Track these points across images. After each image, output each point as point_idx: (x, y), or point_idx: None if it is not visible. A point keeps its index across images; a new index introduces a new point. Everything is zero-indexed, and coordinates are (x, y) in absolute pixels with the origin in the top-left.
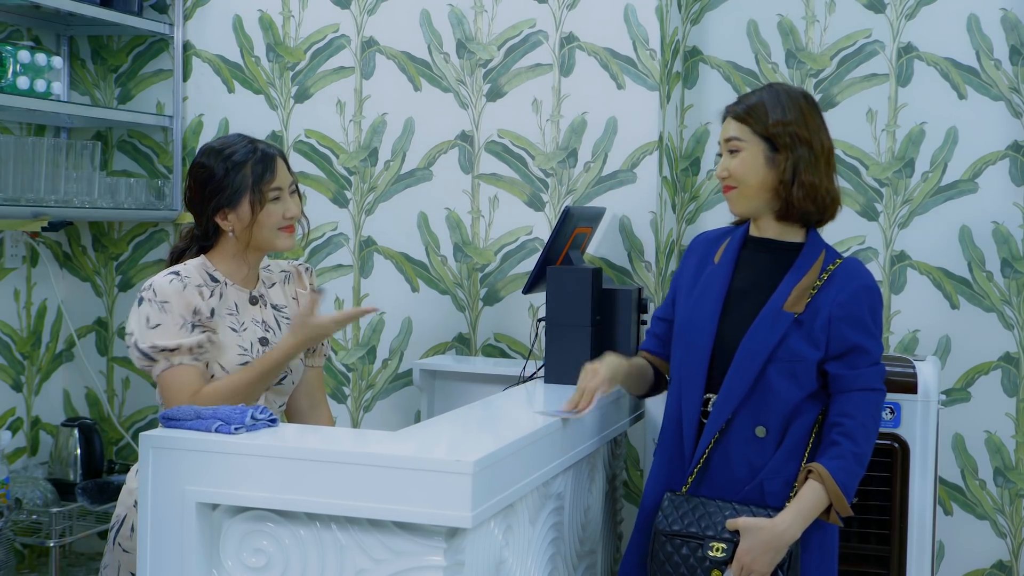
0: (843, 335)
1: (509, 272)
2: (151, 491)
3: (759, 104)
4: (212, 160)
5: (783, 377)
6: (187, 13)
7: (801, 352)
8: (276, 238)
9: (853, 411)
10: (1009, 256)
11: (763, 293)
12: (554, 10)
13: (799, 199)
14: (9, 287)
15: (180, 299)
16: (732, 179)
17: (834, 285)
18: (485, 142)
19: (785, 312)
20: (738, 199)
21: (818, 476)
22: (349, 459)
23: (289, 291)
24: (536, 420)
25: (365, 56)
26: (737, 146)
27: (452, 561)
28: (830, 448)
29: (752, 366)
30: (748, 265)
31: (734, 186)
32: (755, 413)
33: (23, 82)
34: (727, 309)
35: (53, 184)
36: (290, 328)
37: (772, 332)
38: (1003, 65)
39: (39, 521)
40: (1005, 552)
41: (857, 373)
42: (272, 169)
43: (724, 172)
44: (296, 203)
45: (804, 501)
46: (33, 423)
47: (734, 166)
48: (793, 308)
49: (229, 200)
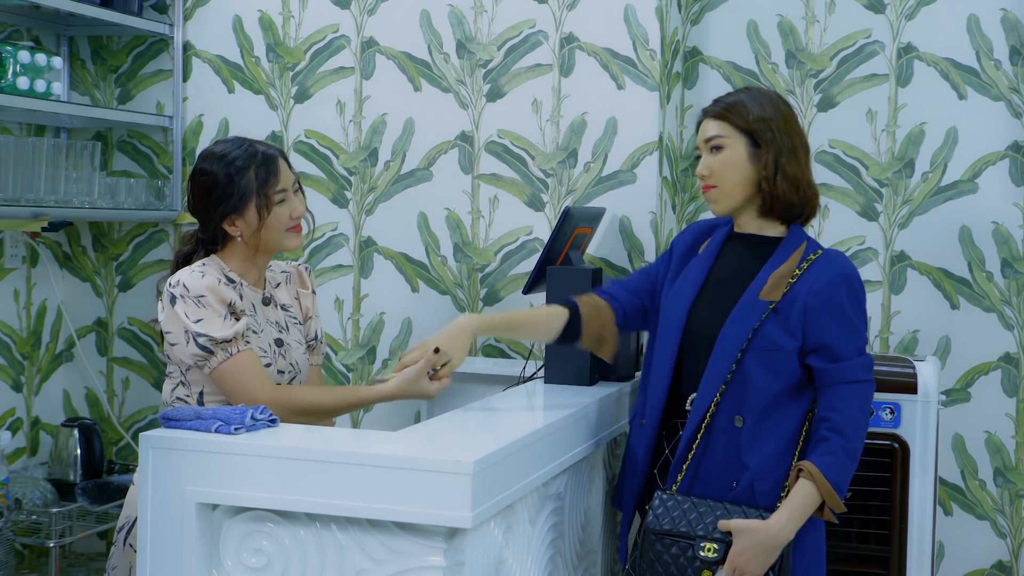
0: (820, 324)
1: (509, 272)
2: (151, 491)
3: (738, 102)
4: (214, 166)
5: (760, 367)
6: (187, 13)
7: (777, 341)
8: (285, 239)
9: (840, 405)
10: (1009, 256)
11: (741, 283)
12: (554, 10)
13: (784, 191)
14: (9, 287)
15: (215, 292)
16: (714, 177)
17: (811, 274)
18: (485, 142)
19: (761, 301)
20: (719, 197)
21: (809, 474)
22: (349, 459)
23: (291, 291)
24: (536, 420)
25: (365, 56)
26: (720, 143)
27: (452, 561)
28: (819, 444)
29: (729, 355)
30: (729, 256)
31: (715, 185)
32: (733, 404)
33: (23, 82)
34: (703, 299)
35: (53, 184)
36: (397, 385)
37: (748, 321)
38: (1003, 65)
39: (39, 521)
40: (1005, 552)
41: (841, 366)
42: (275, 171)
43: (706, 170)
44: (301, 201)
45: (796, 500)
46: (33, 423)
47: (717, 163)
48: (769, 296)
49: (235, 206)
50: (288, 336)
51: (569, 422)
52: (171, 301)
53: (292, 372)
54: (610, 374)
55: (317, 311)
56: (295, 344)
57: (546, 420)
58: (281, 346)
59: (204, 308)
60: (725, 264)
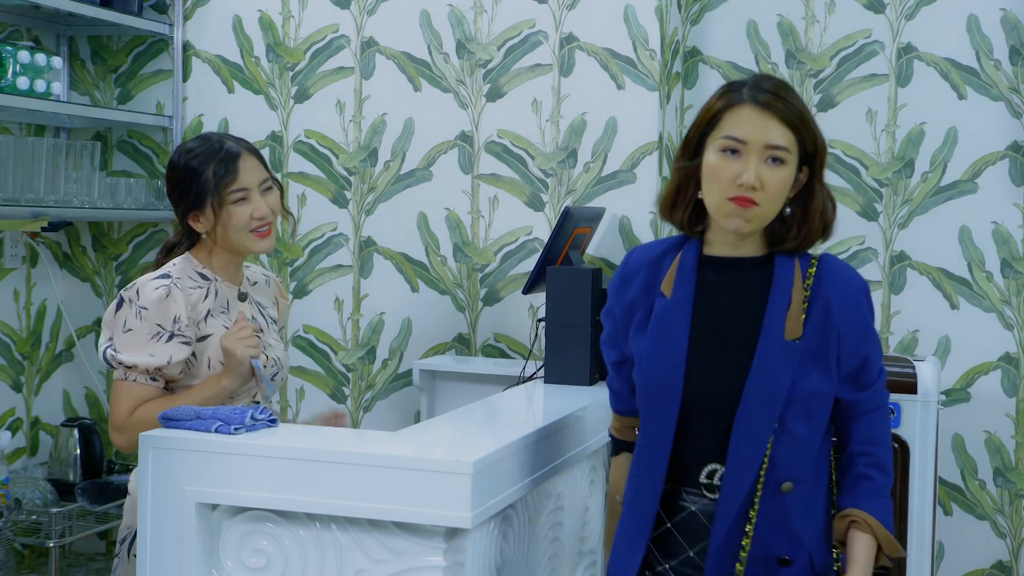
0: (855, 351)
1: (509, 272)
2: (151, 491)
3: (805, 113)
4: (180, 161)
5: (801, 420)
6: (187, 13)
7: (818, 387)
8: (248, 241)
9: (876, 436)
10: (1009, 256)
11: (746, 323)
12: (554, 10)
13: (815, 231)
14: (9, 287)
15: (160, 308)
16: (765, 194)
17: (823, 291)
18: (485, 142)
19: (790, 342)
20: (758, 219)
21: (865, 525)
22: (349, 459)
23: (271, 295)
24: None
25: (365, 56)
26: (783, 157)
27: (452, 561)
28: (862, 484)
29: (767, 416)
30: (712, 291)
31: (759, 203)
32: (779, 469)
33: (23, 82)
34: (700, 349)
35: (53, 184)
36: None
37: (781, 371)
38: (1003, 65)
39: (39, 521)
40: (1005, 552)
41: (869, 394)
42: (233, 170)
43: (758, 182)
44: (269, 201)
45: (860, 561)
46: (33, 423)
47: (775, 181)
48: (794, 334)
49: (194, 203)
50: (265, 336)
51: (569, 422)
52: (118, 304)
53: (275, 368)
54: None
55: (286, 323)
56: (273, 343)
57: (546, 420)
58: None
59: (140, 321)
60: (712, 301)
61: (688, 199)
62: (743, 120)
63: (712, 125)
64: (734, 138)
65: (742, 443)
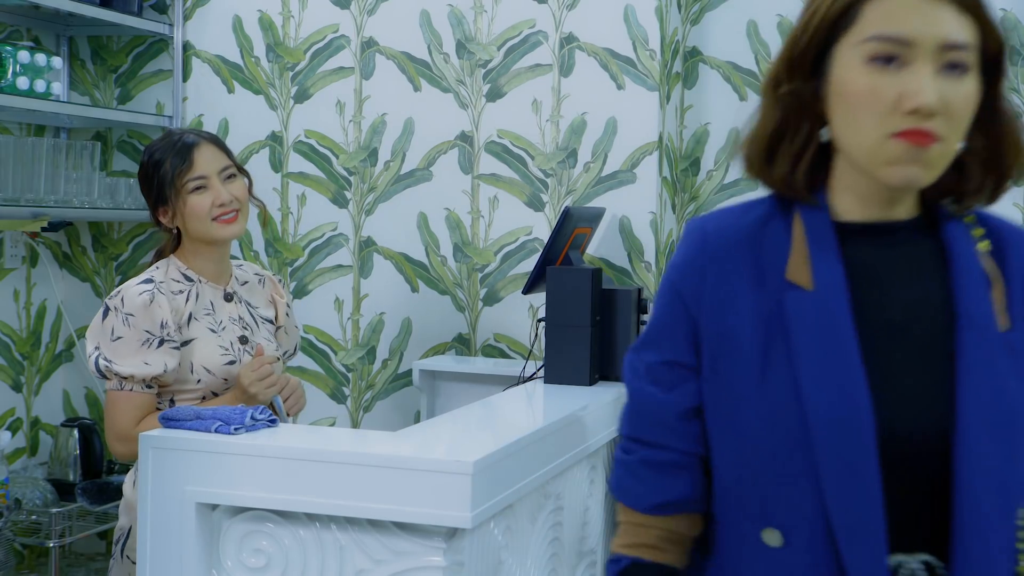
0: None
1: (509, 272)
2: (151, 491)
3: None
4: (145, 157)
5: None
6: (187, 13)
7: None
8: (212, 228)
9: None
10: None
11: (937, 319)
12: (554, 10)
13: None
14: (9, 287)
15: (146, 314)
16: (948, 122)
17: (1012, 264)
18: (485, 142)
19: (1005, 336)
20: (940, 160)
21: None
22: (349, 459)
23: (266, 294)
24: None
25: (365, 56)
26: (967, 62)
27: (452, 561)
28: None
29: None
30: (873, 276)
31: (940, 137)
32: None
33: (23, 82)
34: (875, 373)
35: (53, 184)
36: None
37: (1010, 379)
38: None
39: (39, 521)
40: None
41: None
42: (188, 159)
43: (940, 103)
44: (232, 189)
45: None
46: (33, 423)
47: (960, 97)
48: (1005, 325)
49: (158, 199)
50: (255, 335)
51: (569, 422)
52: (104, 313)
53: None
54: (610, 374)
55: (295, 324)
56: (264, 343)
57: (546, 420)
58: (246, 343)
59: (128, 328)
60: (874, 289)
61: (800, 143)
62: (902, 8)
63: (846, 21)
64: (892, 37)
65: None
